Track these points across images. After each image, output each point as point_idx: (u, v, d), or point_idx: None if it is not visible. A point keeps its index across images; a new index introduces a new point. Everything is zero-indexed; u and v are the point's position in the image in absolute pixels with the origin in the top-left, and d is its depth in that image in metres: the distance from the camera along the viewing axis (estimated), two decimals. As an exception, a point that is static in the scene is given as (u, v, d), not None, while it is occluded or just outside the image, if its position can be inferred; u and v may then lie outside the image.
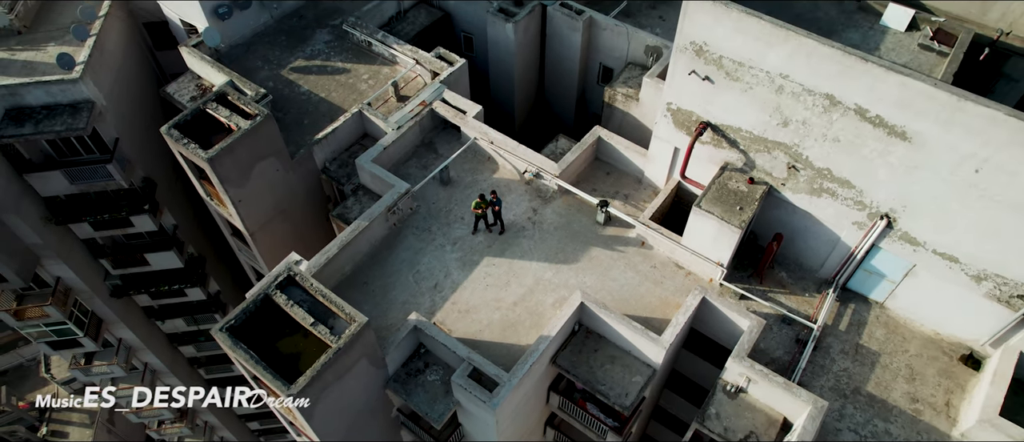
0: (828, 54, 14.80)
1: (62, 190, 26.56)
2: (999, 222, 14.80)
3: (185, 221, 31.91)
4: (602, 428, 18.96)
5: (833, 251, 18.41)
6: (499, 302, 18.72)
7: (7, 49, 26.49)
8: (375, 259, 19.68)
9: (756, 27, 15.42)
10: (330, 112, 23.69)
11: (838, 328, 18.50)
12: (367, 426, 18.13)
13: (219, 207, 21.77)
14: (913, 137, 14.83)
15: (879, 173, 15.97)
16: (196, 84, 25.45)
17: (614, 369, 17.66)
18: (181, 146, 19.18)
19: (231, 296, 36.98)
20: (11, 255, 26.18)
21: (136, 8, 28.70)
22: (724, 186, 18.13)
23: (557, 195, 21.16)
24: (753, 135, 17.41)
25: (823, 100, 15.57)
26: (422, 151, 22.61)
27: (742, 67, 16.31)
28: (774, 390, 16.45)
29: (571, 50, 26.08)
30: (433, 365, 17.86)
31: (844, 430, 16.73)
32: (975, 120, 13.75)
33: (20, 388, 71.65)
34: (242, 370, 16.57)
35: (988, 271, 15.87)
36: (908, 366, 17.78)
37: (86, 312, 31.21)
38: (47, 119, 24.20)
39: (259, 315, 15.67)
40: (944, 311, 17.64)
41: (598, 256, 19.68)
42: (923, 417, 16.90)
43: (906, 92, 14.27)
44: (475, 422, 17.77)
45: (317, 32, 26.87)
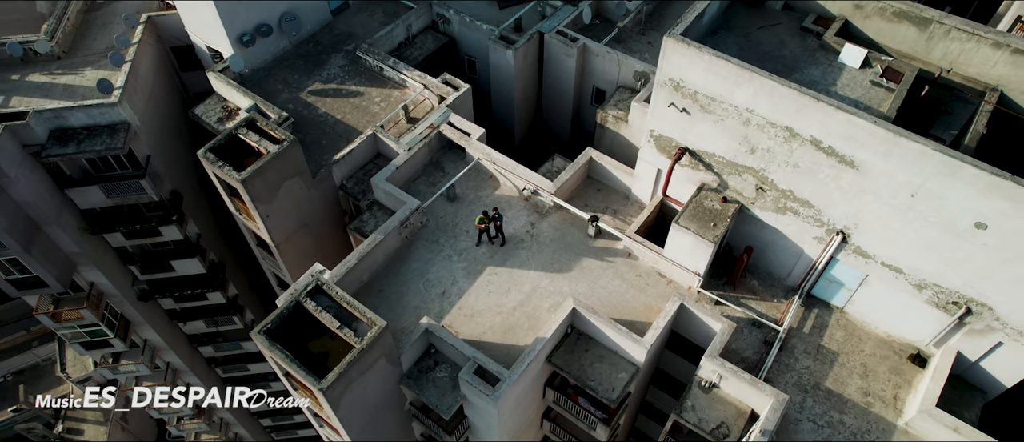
0: (786, 93, 17.08)
1: (98, 203, 28.90)
2: (933, 239, 17.09)
3: (207, 230, 34.22)
4: (592, 420, 21.26)
5: (798, 262, 20.70)
6: (500, 307, 21.02)
7: (49, 73, 28.87)
8: (389, 269, 21.98)
9: (725, 68, 17.70)
10: (346, 133, 25.98)
11: (802, 331, 20.79)
12: (384, 418, 20.45)
13: (248, 221, 24.08)
14: (859, 165, 17.12)
15: (833, 195, 18.26)
16: (222, 106, 27.74)
17: (602, 367, 19.97)
18: (216, 168, 21.49)
19: (247, 300, 39.32)
20: (53, 262, 28.49)
21: (164, 33, 31.00)
22: (700, 204, 20.42)
23: (552, 210, 23.47)
24: (725, 160, 19.70)
25: (784, 132, 17.85)
26: (430, 170, 24.92)
27: (714, 101, 18.60)
28: (743, 386, 18.73)
29: (566, 74, 28.37)
30: (442, 363, 20.17)
31: (804, 421, 19.02)
32: (908, 153, 16.03)
33: (36, 386, 73.99)
34: (275, 368, 18.88)
35: (927, 281, 18.16)
36: (863, 364, 20.07)
37: (116, 315, 33.54)
38: (88, 139, 26.52)
39: (291, 320, 17.97)
40: (894, 315, 19.93)
41: (589, 266, 21.99)
42: (873, 409, 19.19)
43: (851, 127, 16.56)
44: (479, 414, 20.08)
45: (332, 57, 29.16)
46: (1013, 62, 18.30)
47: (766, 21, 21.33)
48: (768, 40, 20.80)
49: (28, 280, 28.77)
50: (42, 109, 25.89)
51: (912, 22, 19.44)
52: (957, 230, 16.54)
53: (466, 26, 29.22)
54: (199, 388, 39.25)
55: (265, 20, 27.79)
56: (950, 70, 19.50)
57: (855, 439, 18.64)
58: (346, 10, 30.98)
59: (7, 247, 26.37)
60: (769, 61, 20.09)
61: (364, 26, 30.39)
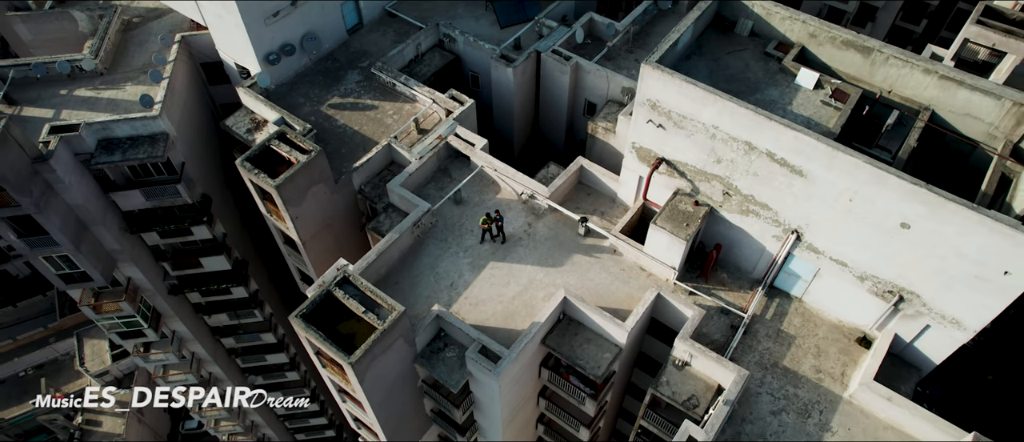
0: (744, 113, 20.11)
1: (137, 205, 31.91)
2: (868, 237, 20.13)
3: (231, 230, 37.25)
4: (581, 395, 24.32)
5: (760, 257, 23.75)
6: (501, 297, 24.08)
7: (93, 88, 31.92)
8: (404, 263, 25.04)
9: (693, 91, 20.74)
10: (363, 143, 29.04)
11: (765, 317, 23.84)
12: (400, 392, 23.50)
13: (278, 222, 27.12)
14: (807, 174, 20.16)
15: (787, 200, 21.31)
16: (250, 118, 30.83)
17: (590, 348, 23.02)
18: (253, 175, 24.56)
19: (266, 295, 42.38)
20: (97, 259, 31.51)
21: (195, 51, 34.03)
22: (675, 207, 23.46)
23: (547, 212, 26.53)
24: (696, 169, 22.75)
25: (744, 145, 20.89)
26: (439, 176, 27.99)
27: (685, 119, 21.65)
28: (711, 363, 21.76)
29: (561, 89, 31.42)
30: (450, 345, 23.23)
31: (763, 394, 22.06)
32: (845, 164, 19.07)
33: (56, 380, 77.31)
34: (308, 347, 21.93)
35: (867, 273, 21.21)
36: (816, 346, 23.12)
37: (149, 307, 36.56)
38: (132, 148, 29.54)
39: (322, 306, 21.02)
40: (843, 303, 22.98)
41: (579, 261, 25.04)
42: (824, 384, 22.23)
43: (798, 142, 19.61)
44: (483, 389, 23.13)
45: (349, 73, 32.22)
46: (941, 86, 21.36)
47: (734, 47, 24.39)
48: (735, 64, 23.85)
49: (75, 275, 31.77)
50: (92, 122, 28.89)
51: (857, 50, 22.50)
52: (887, 229, 19.59)
53: (470, 45, 32.26)
54: (199, 389, 42.04)
55: (289, 40, 30.87)
56: (891, 92, 22.56)
57: (807, 409, 21.67)
58: (360, 30, 34.06)
59: (60, 245, 29.38)
60: (735, 82, 23.17)
61: (377, 45, 33.46)
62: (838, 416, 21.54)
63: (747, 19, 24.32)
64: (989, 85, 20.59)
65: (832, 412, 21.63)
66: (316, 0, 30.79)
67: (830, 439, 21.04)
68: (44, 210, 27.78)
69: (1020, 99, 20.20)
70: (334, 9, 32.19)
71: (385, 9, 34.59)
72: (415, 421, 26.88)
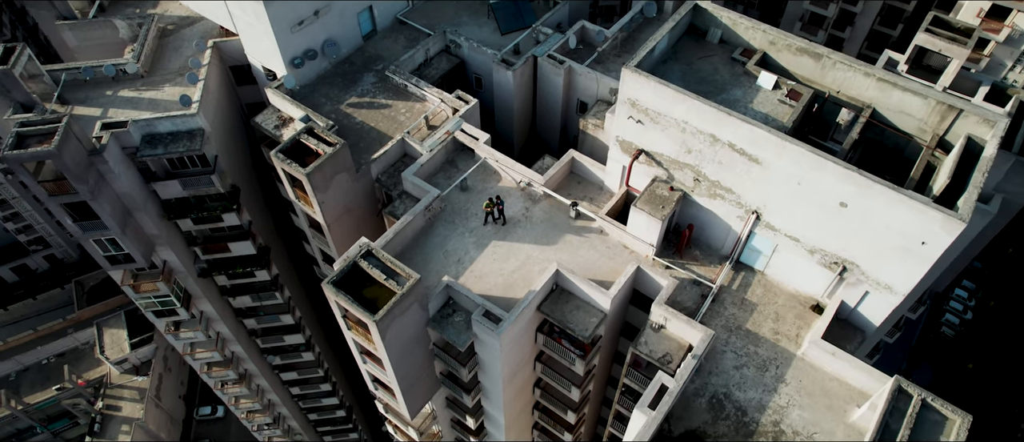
0: (709, 110, 23.65)
1: (175, 194, 35.51)
2: (815, 215, 23.68)
3: (256, 218, 40.85)
4: (572, 356, 27.88)
5: (728, 235, 27.31)
6: (502, 271, 27.64)
7: (135, 89, 35.52)
8: (416, 242, 28.61)
9: (666, 92, 24.29)
10: (379, 138, 32.62)
11: (731, 288, 27.39)
12: (414, 352, 27.08)
13: (306, 207, 30.69)
14: (762, 162, 23.71)
15: (747, 184, 24.86)
16: (277, 115, 34.40)
17: (579, 313, 26.59)
18: (286, 165, 28.15)
19: (286, 279, 45.98)
20: (140, 242, 35.09)
21: (225, 55, 37.61)
22: (653, 192, 27.02)
23: (543, 198, 30.09)
24: (671, 158, 26.31)
25: (709, 137, 24.45)
26: (447, 167, 31.55)
27: (660, 115, 25.21)
28: (683, 326, 25.28)
29: (555, 90, 34.99)
30: (458, 311, 26.80)
31: (727, 352, 25.60)
32: (792, 153, 22.63)
33: (77, 367, 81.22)
34: (336, 310, 25.49)
35: (816, 247, 24.77)
36: (776, 312, 26.67)
37: (181, 288, 40.15)
38: (172, 143, 33.14)
39: (349, 275, 24.59)
40: (798, 275, 26.52)
41: (570, 240, 28.61)
42: (780, 343, 25.77)
43: (754, 134, 23.17)
44: (486, 349, 26.71)
45: (365, 75, 35.80)
46: (879, 87, 24.93)
47: (705, 53, 27.97)
48: (705, 67, 27.43)
49: (120, 256, 35.33)
50: (138, 119, 32.52)
51: (810, 56, 26.09)
52: (829, 208, 23.14)
53: (474, 50, 35.83)
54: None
55: (311, 46, 34.48)
56: (839, 92, 26.14)
57: (765, 364, 25.23)
58: (374, 36, 37.65)
59: (109, 229, 32.96)
60: (705, 84, 26.73)
61: (390, 50, 37.05)
62: (791, 370, 25.08)
63: (716, 28, 27.89)
64: (917, 86, 24.18)
65: (787, 367, 25.18)
66: (336, 6, 34.33)
67: (784, 389, 24.59)
68: (97, 197, 31.36)
69: (943, 98, 23.79)
70: (351, 18, 35.78)
71: (397, 17, 38.19)
72: (426, 382, 30.43)
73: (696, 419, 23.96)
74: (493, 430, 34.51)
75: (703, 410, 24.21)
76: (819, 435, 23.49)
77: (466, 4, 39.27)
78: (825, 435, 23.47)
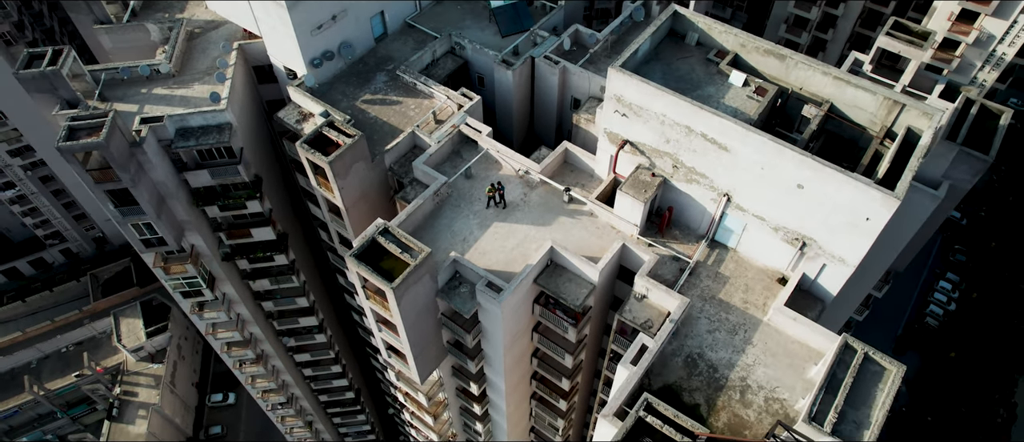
0: (684, 105, 27.03)
1: (204, 183, 38.89)
2: (777, 197, 27.04)
3: (276, 206, 44.23)
4: (565, 325, 31.26)
5: (703, 216, 30.69)
6: (503, 248, 31.02)
7: (167, 87, 38.85)
8: (426, 224, 31.98)
9: (647, 88, 27.67)
10: (392, 131, 35.99)
11: (707, 263, 30.78)
12: (424, 320, 30.48)
13: (326, 192, 34.08)
14: (731, 150, 27.08)
15: (718, 170, 28.24)
16: (298, 111, 37.78)
17: (571, 285, 29.98)
18: (310, 154, 31.54)
19: (302, 264, 49.34)
20: (172, 227, 38.49)
21: (248, 56, 40.96)
22: (637, 178, 30.40)
23: (539, 184, 33.48)
24: (652, 148, 29.70)
25: (685, 129, 27.82)
26: (453, 157, 34.94)
27: (642, 109, 28.60)
28: (663, 295, 28.66)
29: (551, 88, 38.37)
30: (464, 283, 30.20)
31: (702, 318, 28.97)
32: (755, 142, 26.01)
33: (96, 355, 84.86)
34: (356, 280, 28.87)
35: (779, 225, 28.15)
36: (746, 284, 30.05)
37: (206, 271, 43.53)
38: (203, 135, 36.51)
39: (369, 249, 27.96)
40: (765, 251, 29.90)
41: (564, 221, 31.99)
42: (749, 311, 29.15)
43: (722, 126, 26.55)
44: (489, 317, 30.09)
45: (377, 75, 39.18)
46: (835, 85, 28.33)
47: (683, 54, 31.37)
48: (683, 67, 30.83)
49: (153, 240, 38.71)
50: (172, 114, 35.90)
51: (776, 57, 29.48)
52: (789, 190, 26.51)
53: (476, 52, 39.21)
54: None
55: (329, 48, 37.84)
56: (801, 89, 29.54)
57: (735, 329, 28.61)
58: (386, 38, 41.04)
59: (146, 214, 36.35)
60: (682, 82, 30.12)
61: (400, 51, 40.44)
62: (758, 334, 28.47)
63: (693, 32, 31.29)
64: (867, 84, 27.59)
65: (754, 331, 28.56)
66: (352, 11, 37.71)
67: (751, 350, 27.99)
68: (137, 185, 34.76)
69: (889, 94, 27.20)
70: (365, 22, 39.17)
71: (406, 21, 41.59)
72: (434, 350, 33.81)
73: (673, 375, 27.34)
74: (494, 397, 37.93)
75: (679, 367, 27.59)
76: (780, 390, 26.88)
77: (469, 9, 42.68)
78: (786, 390, 26.86)
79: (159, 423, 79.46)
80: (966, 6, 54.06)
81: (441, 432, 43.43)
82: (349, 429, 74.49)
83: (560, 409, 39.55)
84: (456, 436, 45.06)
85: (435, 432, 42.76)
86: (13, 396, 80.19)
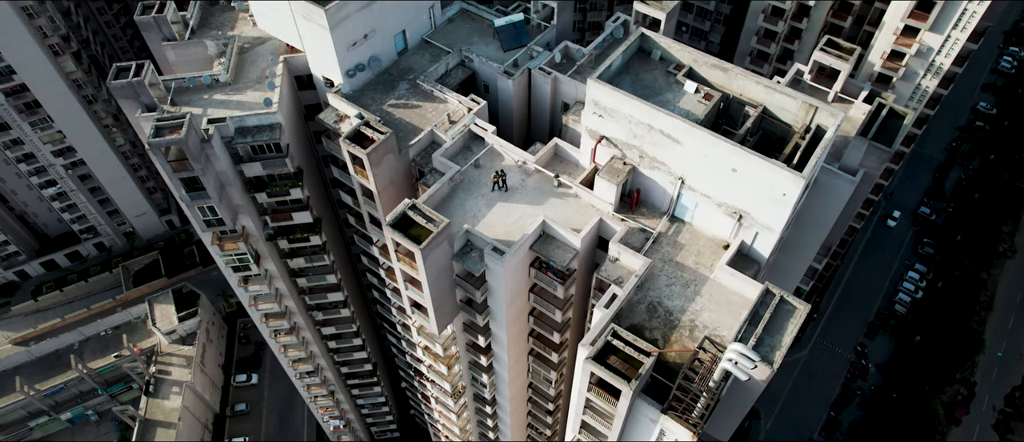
0: (645, 107, 34.82)
1: (256, 173, 46.78)
2: (718, 179, 34.81)
3: (312, 194, 52.09)
4: (555, 284, 39.07)
5: (665, 196, 38.47)
6: (505, 222, 38.84)
7: (224, 94, 46.76)
8: (443, 203, 39.76)
9: (618, 95, 35.45)
10: (413, 129, 43.82)
11: (667, 234, 38.54)
12: (443, 279, 38.34)
13: (362, 178, 41.92)
14: (681, 142, 34.87)
15: (673, 158, 36.04)
16: (335, 114, 45.66)
17: (559, 250, 37.81)
18: (350, 147, 39.40)
19: (331, 246, 57.17)
20: (229, 210, 46.36)
21: (292, 67, 48.86)
22: (611, 166, 38.18)
23: (534, 172, 41.32)
24: (623, 142, 37.52)
25: (647, 126, 35.63)
26: (464, 150, 42.81)
27: (615, 111, 36.43)
28: (631, 257, 36.40)
29: (545, 95, 46.26)
30: (474, 249, 38.03)
31: (661, 275, 36.72)
32: (698, 136, 33.83)
33: (132, 338, 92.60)
34: (390, 244, 36.67)
35: (722, 201, 35.94)
36: (698, 250, 37.82)
37: (254, 249, 51.38)
38: (257, 133, 44.42)
39: (401, 220, 35.78)
40: (712, 224, 37.66)
41: (553, 202, 39.81)
42: (700, 270, 36.90)
43: (674, 124, 34.37)
44: (494, 276, 37.92)
45: (400, 83, 47.07)
46: (766, 92, 36.19)
47: (649, 67, 39.25)
48: (648, 77, 38.71)
49: (214, 221, 46.58)
50: (233, 115, 43.79)
51: (721, 70, 37.36)
52: (726, 173, 34.29)
53: (483, 64, 47.10)
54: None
55: (361, 61, 45.72)
56: (741, 94, 37.42)
57: (687, 284, 36.36)
58: (406, 53, 48.97)
59: (211, 198, 44.23)
60: (647, 89, 37.96)
61: (418, 63, 48.34)
62: (706, 287, 36.25)
63: (657, 50, 39.18)
64: (788, 90, 35.47)
65: (702, 285, 36.34)
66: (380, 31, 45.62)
67: (699, 299, 35.76)
68: (205, 173, 42.69)
69: (805, 99, 35.05)
70: (390, 39, 47.10)
71: (423, 39, 49.52)
72: (449, 306, 41.64)
73: (637, 318, 35.12)
74: (498, 350, 45.75)
75: (643, 313, 35.38)
76: (721, 329, 34.66)
77: (476, 28, 50.62)
78: (725, 328, 34.62)
79: (192, 398, 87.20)
80: (908, 23, 62.11)
81: (453, 383, 51.20)
82: (365, 401, 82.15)
83: (553, 362, 47.30)
84: (465, 389, 52.83)
85: (448, 382, 50.54)
86: (59, 374, 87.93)
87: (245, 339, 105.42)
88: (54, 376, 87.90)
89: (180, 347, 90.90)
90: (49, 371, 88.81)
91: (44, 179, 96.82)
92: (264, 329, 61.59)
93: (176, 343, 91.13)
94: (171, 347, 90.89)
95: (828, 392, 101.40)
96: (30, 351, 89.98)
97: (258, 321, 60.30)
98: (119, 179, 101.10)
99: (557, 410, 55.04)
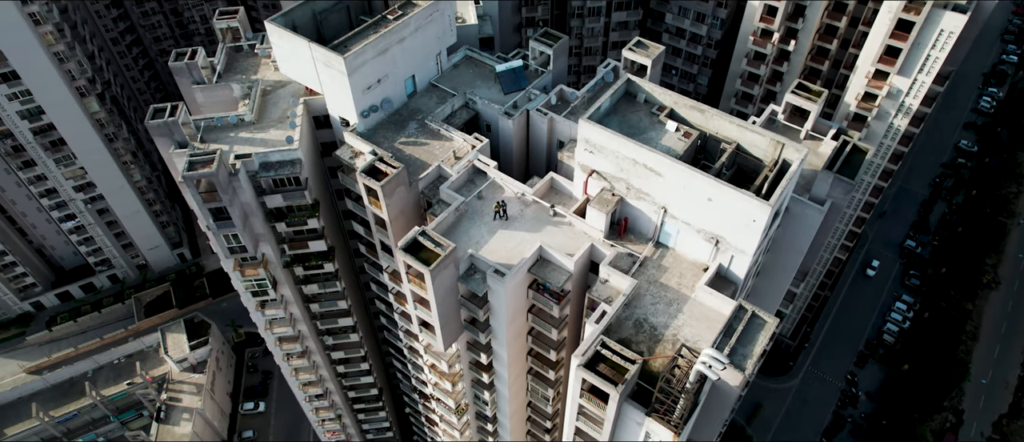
0: (630, 144, 39.13)
1: (276, 204, 50.95)
2: (697, 207, 38.92)
3: (327, 224, 56.16)
4: (551, 304, 42.88)
5: (650, 224, 42.57)
6: (506, 247, 42.81)
7: (249, 132, 51.19)
8: (450, 230, 43.80)
9: (606, 133, 39.80)
10: (422, 165, 48.11)
11: (652, 258, 42.51)
12: (449, 299, 42.15)
13: (376, 209, 46.05)
14: (663, 175, 39.09)
15: (656, 189, 40.23)
16: (351, 150, 50.02)
17: (554, 273, 41.74)
18: (366, 180, 43.63)
19: (343, 274, 61.05)
20: (252, 238, 50.38)
21: (310, 108, 53.39)
22: (601, 197, 42.35)
23: (532, 203, 45.48)
24: (612, 175, 41.75)
25: (632, 161, 39.90)
26: (468, 183, 47.03)
27: (604, 148, 40.74)
28: (619, 278, 40.31)
29: (542, 133, 50.69)
30: (478, 271, 41.95)
31: (647, 295, 40.56)
32: (678, 170, 38.05)
33: (144, 366, 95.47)
34: (401, 266, 40.56)
35: (701, 228, 39.99)
36: (680, 272, 41.75)
37: (272, 276, 55.22)
38: (279, 168, 48.73)
39: (412, 245, 39.77)
40: (693, 249, 41.67)
41: (550, 229, 43.87)
42: (682, 290, 40.77)
43: (656, 159, 38.67)
44: (496, 296, 41.75)
45: (409, 123, 51.56)
46: (739, 130, 40.57)
47: (634, 109, 43.75)
48: (634, 118, 43.17)
49: (237, 248, 50.57)
50: (257, 152, 48.13)
51: (698, 111, 41.83)
52: (703, 202, 38.43)
53: (485, 105, 51.67)
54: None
55: (374, 103, 50.27)
56: (717, 133, 41.81)
57: (670, 302, 40.18)
58: (415, 95, 53.61)
59: (235, 227, 48.30)
60: (633, 128, 42.35)
61: (426, 105, 52.90)
62: (687, 305, 40.07)
63: (642, 93, 43.73)
64: (757, 128, 39.85)
65: (684, 304, 40.16)
66: (392, 76, 50.28)
67: (681, 316, 39.54)
68: (231, 204, 46.87)
69: (774, 136, 39.39)
70: (400, 83, 51.76)
71: (430, 82, 54.21)
72: (454, 324, 45.36)
73: (625, 333, 38.87)
74: (499, 367, 49.27)
75: (630, 328, 39.14)
76: (700, 342, 38.38)
77: (479, 73, 55.39)
78: (704, 342, 38.35)
79: (202, 425, 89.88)
80: (879, 67, 67.12)
81: (457, 400, 54.50)
82: (370, 425, 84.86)
83: (550, 380, 50.76)
84: (468, 406, 56.13)
85: (452, 398, 53.86)
86: (72, 401, 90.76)
87: (253, 368, 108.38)
88: (68, 403, 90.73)
89: (191, 375, 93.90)
90: (63, 398, 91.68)
91: (64, 213, 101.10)
92: (277, 352, 64.96)
93: (187, 371, 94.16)
94: (182, 374, 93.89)
95: (820, 419, 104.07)
96: (45, 378, 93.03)
97: (272, 344, 63.73)
98: (135, 213, 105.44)
99: (555, 428, 58.20)
